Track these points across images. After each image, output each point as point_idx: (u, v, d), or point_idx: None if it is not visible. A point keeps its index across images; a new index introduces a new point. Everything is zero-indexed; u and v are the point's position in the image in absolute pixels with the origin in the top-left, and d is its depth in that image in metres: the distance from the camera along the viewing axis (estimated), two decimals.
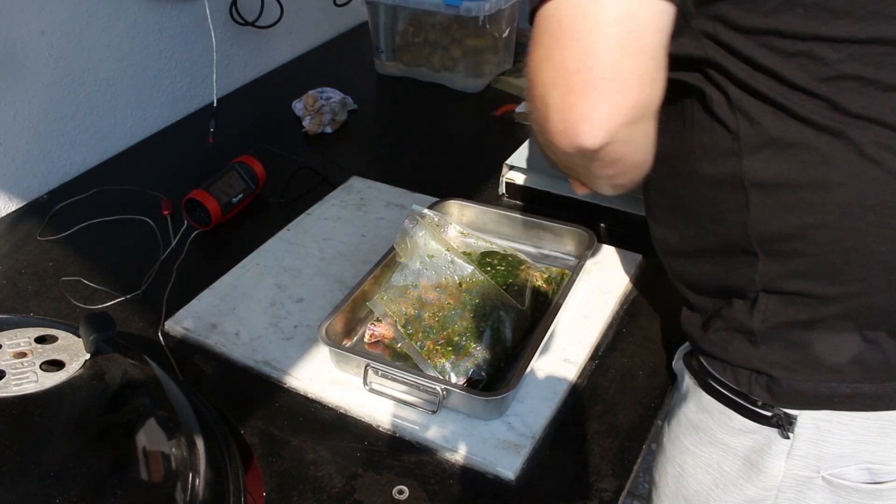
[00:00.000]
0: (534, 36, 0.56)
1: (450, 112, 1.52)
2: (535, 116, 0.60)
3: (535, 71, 0.56)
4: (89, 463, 0.60)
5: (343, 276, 1.03)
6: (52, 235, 1.14)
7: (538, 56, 0.56)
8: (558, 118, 0.55)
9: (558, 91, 0.54)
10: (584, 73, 0.53)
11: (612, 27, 0.52)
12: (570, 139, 0.55)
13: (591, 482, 0.77)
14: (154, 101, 1.43)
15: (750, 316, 0.68)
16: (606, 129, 0.54)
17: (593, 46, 0.52)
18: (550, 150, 0.61)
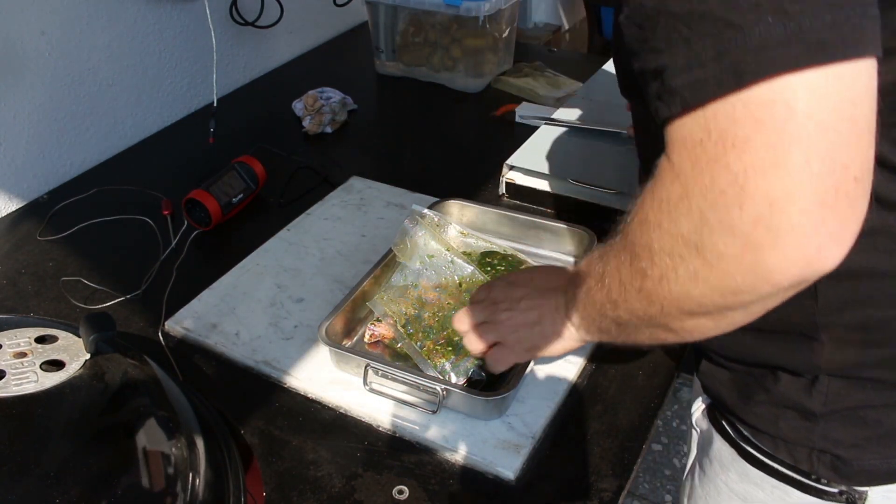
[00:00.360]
0: (710, 143, 0.45)
1: (450, 112, 1.52)
2: (693, 265, 0.49)
3: (737, 188, 0.44)
4: (89, 463, 0.60)
5: (343, 276, 1.03)
6: (52, 235, 1.14)
7: (742, 165, 0.44)
8: (794, 242, 0.44)
9: (799, 205, 0.43)
10: (836, 176, 0.43)
11: (860, 108, 0.44)
12: (807, 268, 0.45)
13: (591, 482, 0.77)
14: (154, 101, 1.43)
15: (808, 396, 0.64)
16: (852, 242, 0.45)
17: (841, 139, 0.43)
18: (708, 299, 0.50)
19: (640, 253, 0.53)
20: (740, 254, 0.45)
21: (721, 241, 0.46)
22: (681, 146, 0.47)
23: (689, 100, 0.45)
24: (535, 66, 1.62)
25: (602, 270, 0.61)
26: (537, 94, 1.51)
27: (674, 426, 2.08)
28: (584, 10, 3.05)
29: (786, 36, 0.42)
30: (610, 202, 1.10)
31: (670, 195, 0.48)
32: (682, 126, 0.47)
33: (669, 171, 0.48)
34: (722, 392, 0.73)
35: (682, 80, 0.45)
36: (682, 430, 2.06)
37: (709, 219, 0.46)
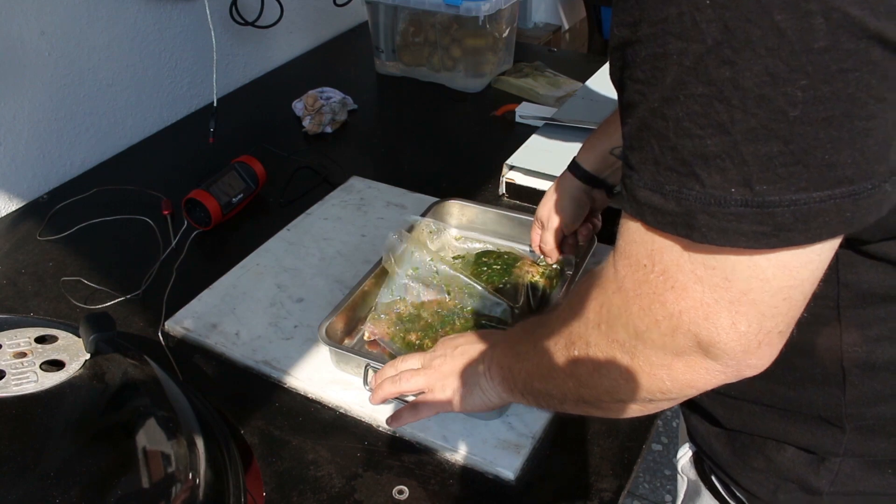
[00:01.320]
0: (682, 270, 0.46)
1: (450, 112, 1.52)
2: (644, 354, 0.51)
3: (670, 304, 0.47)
4: (89, 463, 0.60)
5: (343, 276, 1.03)
6: (52, 235, 1.14)
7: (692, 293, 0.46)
8: (719, 367, 0.48)
9: (723, 349, 0.47)
10: (761, 335, 0.46)
11: (800, 289, 0.45)
12: (732, 379, 0.49)
13: (591, 482, 0.77)
14: (154, 101, 1.43)
15: (815, 473, 0.61)
16: (774, 357, 0.49)
17: (773, 312, 0.45)
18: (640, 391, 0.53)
19: (576, 342, 0.56)
20: (670, 364, 0.49)
21: (654, 353, 0.50)
22: (626, 260, 0.49)
23: (649, 221, 0.46)
24: (535, 66, 1.62)
25: (535, 345, 0.62)
26: (537, 94, 1.51)
27: (674, 426, 2.08)
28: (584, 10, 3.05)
29: (743, 212, 0.41)
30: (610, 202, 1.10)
31: (611, 304, 0.51)
32: (631, 239, 0.48)
33: (613, 282, 0.50)
34: (714, 446, 0.69)
35: (645, 198, 0.45)
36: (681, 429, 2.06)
37: (643, 336, 0.49)
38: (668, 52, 0.41)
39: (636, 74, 0.44)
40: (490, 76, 1.59)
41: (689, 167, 0.42)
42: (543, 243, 0.98)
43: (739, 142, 0.40)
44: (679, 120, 0.42)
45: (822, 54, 0.37)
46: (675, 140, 0.42)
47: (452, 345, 0.75)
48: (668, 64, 0.41)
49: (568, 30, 3.18)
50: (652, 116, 0.43)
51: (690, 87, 0.41)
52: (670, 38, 0.41)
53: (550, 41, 2.88)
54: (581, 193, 0.95)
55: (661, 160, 0.44)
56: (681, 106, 0.41)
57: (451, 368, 0.73)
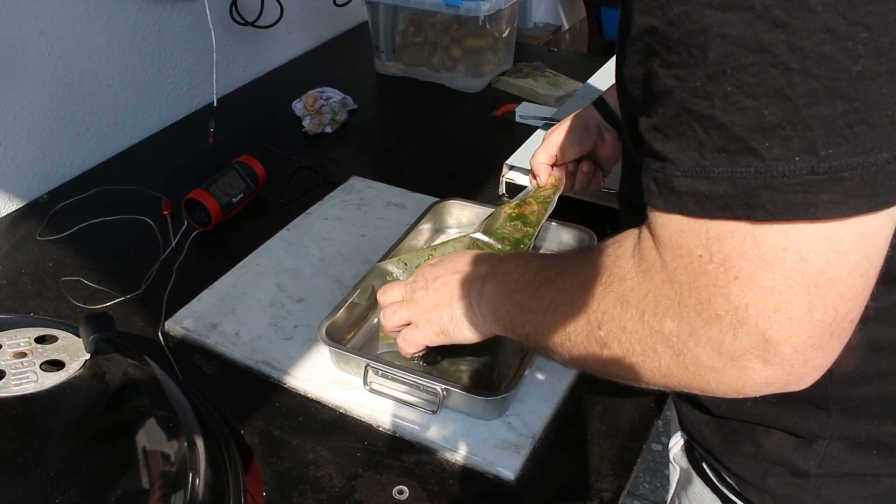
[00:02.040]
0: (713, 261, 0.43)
1: (450, 112, 1.52)
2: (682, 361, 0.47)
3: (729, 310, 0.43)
4: (89, 463, 0.60)
5: (343, 276, 1.03)
6: (52, 235, 1.14)
7: (740, 292, 0.43)
8: (779, 371, 0.44)
9: (793, 346, 0.43)
10: (836, 323, 0.43)
11: (874, 262, 0.42)
12: (784, 388, 0.46)
13: (591, 482, 0.77)
14: (154, 101, 1.43)
15: (803, 456, 0.61)
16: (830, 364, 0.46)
17: (850, 293, 0.42)
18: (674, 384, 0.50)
19: (605, 324, 0.51)
20: (722, 368, 0.46)
21: (705, 354, 0.46)
22: (675, 251, 0.45)
23: (693, 210, 0.43)
24: (535, 66, 1.62)
25: (541, 302, 0.58)
26: (537, 94, 1.51)
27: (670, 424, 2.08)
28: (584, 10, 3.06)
29: (812, 181, 0.39)
30: (610, 202, 1.10)
31: (659, 294, 0.47)
32: (678, 230, 0.45)
33: (661, 271, 0.47)
34: (704, 433, 0.69)
35: (687, 186, 0.43)
36: None
37: (697, 333, 0.45)
38: (708, 27, 0.39)
39: (669, 58, 0.42)
40: (490, 76, 1.59)
41: (742, 143, 0.40)
42: (535, 157, 0.97)
43: (801, 106, 0.38)
44: (728, 95, 0.40)
45: (881, 3, 0.36)
46: (723, 117, 0.40)
47: (432, 275, 0.72)
48: (708, 38, 0.40)
49: (568, 30, 3.18)
50: (693, 98, 0.41)
51: (739, 58, 0.39)
52: (708, 12, 0.39)
53: (550, 41, 2.88)
54: (594, 125, 0.93)
55: (706, 142, 0.41)
56: (729, 79, 0.40)
57: (435, 301, 0.71)
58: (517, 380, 0.82)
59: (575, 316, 0.54)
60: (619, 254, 0.52)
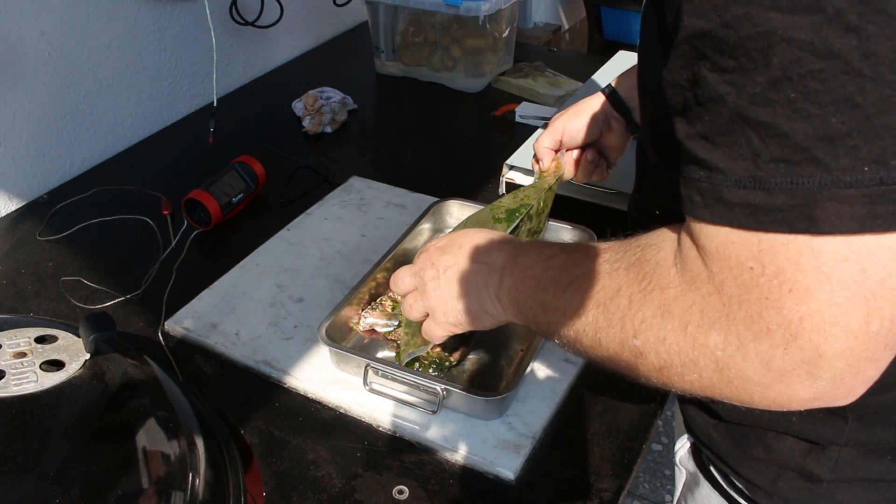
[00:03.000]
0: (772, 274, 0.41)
1: (450, 112, 1.52)
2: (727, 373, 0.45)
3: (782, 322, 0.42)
4: (89, 463, 0.60)
5: (343, 276, 1.03)
6: (52, 235, 1.14)
7: (795, 306, 0.41)
8: (829, 386, 0.43)
9: (847, 360, 0.41)
10: (890, 335, 0.41)
11: None
12: (831, 402, 0.44)
13: (591, 482, 0.77)
14: (154, 101, 1.43)
15: (815, 462, 0.60)
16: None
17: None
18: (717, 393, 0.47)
19: (641, 333, 0.49)
20: (769, 384, 0.44)
21: (752, 368, 0.44)
22: (724, 263, 0.43)
23: (746, 223, 0.41)
24: (535, 66, 1.62)
25: (577, 306, 0.55)
26: (537, 94, 1.51)
27: (674, 426, 2.07)
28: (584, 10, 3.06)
29: (880, 192, 0.37)
30: (610, 202, 1.10)
31: (705, 306, 0.45)
32: (727, 241, 0.43)
33: (708, 283, 0.44)
34: (712, 436, 0.68)
35: (739, 197, 0.41)
36: None
37: (746, 347, 0.43)
38: (771, 30, 0.38)
39: (723, 63, 0.40)
40: (490, 76, 1.59)
41: (806, 153, 0.38)
42: (539, 141, 0.94)
43: (872, 115, 0.37)
44: (791, 102, 0.38)
45: None
46: (785, 125, 0.39)
47: (442, 264, 0.69)
48: (771, 43, 0.38)
49: (568, 30, 3.18)
50: (751, 105, 0.39)
51: (806, 63, 0.37)
52: (772, 15, 0.38)
53: (550, 41, 2.88)
54: (602, 113, 0.91)
55: (762, 152, 0.40)
56: (793, 86, 0.38)
57: (449, 293, 0.68)
58: (517, 380, 0.82)
59: (608, 322, 0.52)
60: (658, 259, 0.49)
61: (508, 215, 0.89)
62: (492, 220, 0.87)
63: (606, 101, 0.91)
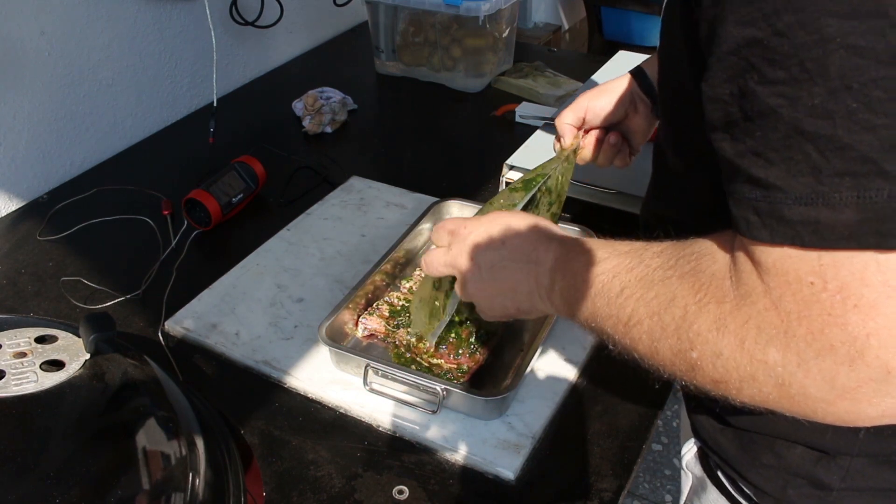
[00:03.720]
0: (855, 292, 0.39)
1: (450, 112, 1.52)
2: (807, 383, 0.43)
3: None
4: (89, 463, 0.60)
5: (343, 276, 1.03)
6: (52, 235, 1.14)
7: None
8: (893, 405, 0.41)
9: None
10: None
11: None
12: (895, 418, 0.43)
13: (591, 482, 0.77)
14: (154, 101, 1.43)
15: (826, 470, 0.60)
16: None
17: None
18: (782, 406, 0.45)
19: (696, 346, 0.47)
20: (833, 401, 0.42)
21: (814, 386, 0.42)
22: (782, 277, 0.41)
23: (810, 242, 0.39)
24: (535, 66, 1.62)
25: (630, 314, 0.53)
26: (537, 94, 1.51)
27: (674, 426, 2.08)
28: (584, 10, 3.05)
29: None
30: (610, 202, 1.10)
31: (762, 321, 0.43)
32: (783, 256, 0.41)
33: (765, 297, 0.43)
34: (720, 442, 0.67)
35: (801, 215, 0.39)
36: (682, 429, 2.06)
37: (807, 364, 0.41)
38: (829, 37, 0.36)
39: (774, 74, 0.39)
40: (490, 76, 1.59)
41: (872, 164, 0.37)
42: (561, 117, 0.90)
43: None
44: (852, 112, 0.36)
45: None
46: (847, 137, 0.37)
47: (484, 262, 0.65)
48: (829, 51, 0.36)
49: (568, 30, 3.18)
50: (808, 117, 0.38)
51: (868, 71, 0.36)
52: (829, 21, 0.36)
53: (550, 41, 2.88)
54: (628, 94, 0.88)
55: (823, 166, 0.38)
56: (854, 95, 0.36)
57: (494, 290, 0.66)
58: (517, 380, 0.82)
59: (663, 333, 0.50)
60: (714, 271, 0.47)
61: (525, 185, 0.86)
62: (508, 191, 0.85)
63: (633, 81, 0.87)
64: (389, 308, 0.93)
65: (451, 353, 0.85)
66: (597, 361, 0.90)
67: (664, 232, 0.55)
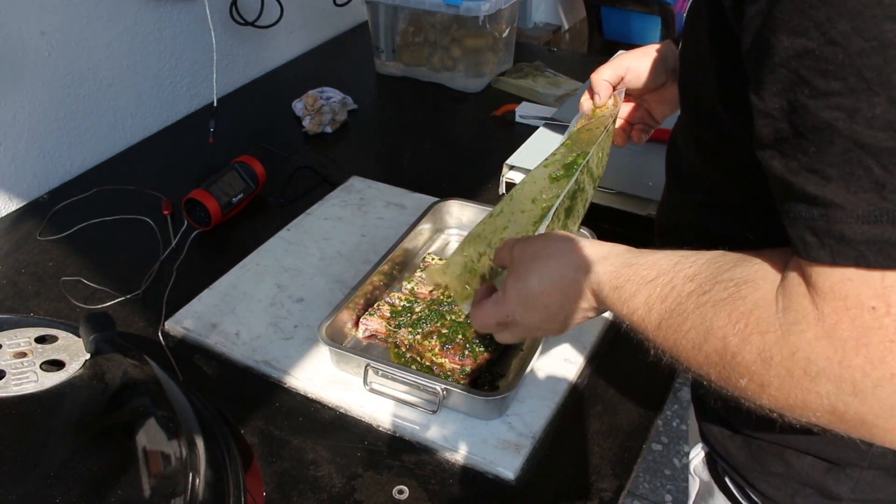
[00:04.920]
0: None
1: (450, 112, 1.52)
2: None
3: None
4: (89, 463, 0.60)
5: (343, 276, 1.03)
6: (52, 235, 1.14)
7: None
8: None
9: None
10: None
11: None
12: None
13: (591, 482, 0.77)
14: (154, 101, 1.43)
15: (835, 481, 0.59)
16: None
17: None
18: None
19: (744, 376, 0.45)
20: (892, 428, 0.40)
21: (872, 413, 0.40)
22: (840, 303, 0.39)
23: (872, 261, 0.37)
24: (535, 66, 1.62)
25: (673, 345, 0.51)
26: (537, 94, 1.51)
27: (674, 426, 2.08)
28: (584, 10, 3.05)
29: None
30: (610, 202, 1.10)
31: (814, 352, 0.41)
32: (843, 279, 0.39)
33: (817, 325, 0.40)
34: (729, 448, 0.66)
35: (864, 234, 0.37)
36: (682, 429, 2.06)
37: (864, 394, 0.39)
38: (888, 43, 0.34)
39: (827, 86, 0.37)
40: (490, 76, 1.59)
41: None
42: (598, 73, 0.86)
43: None
44: None
45: None
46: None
47: (523, 324, 0.64)
48: (889, 58, 0.34)
49: (568, 30, 3.18)
50: (869, 129, 0.36)
51: None
52: (888, 26, 0.34)
53: (550, 41, 2.88)
54: (673, 60, 0.84)
55: (887, 181, 0.36)
56: None
57: (560, 327, 0.63)
58: (517, 380, 0.82)
59: (708, 363, 0.48)
60: (756, 300, 0.45)
61: (566, 170, 0.82)
62: (549, 181, 0.81)
63: (678, 48, 0.82)
64: (390, 308, 0.93)
65: (457, 353, 0.85)
66: (597, 361, 0.90)
67: (681, 240, 0.53)
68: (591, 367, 0.90)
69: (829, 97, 0.37)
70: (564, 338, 0.92)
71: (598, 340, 0.92)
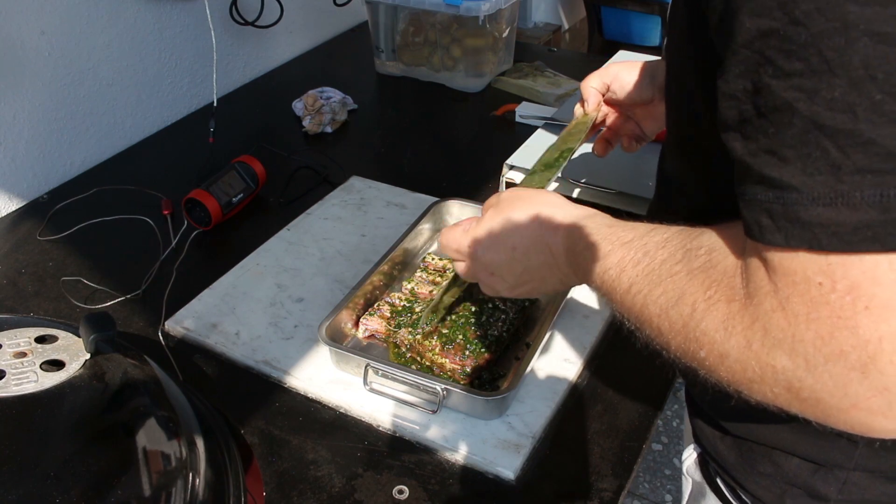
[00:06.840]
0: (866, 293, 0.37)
1: (450, 112, 1.52)
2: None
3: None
4: (89, 463, 0.60)
5: (343, 275, 1.03)
6: (52, 235, 1.14)
7: None
8: None
9: None
10: None
11: None
12: None
13: (591, 482, 0.77)
14: (154, 101, 1.43)
15: (823, 482, 0.59)
16: None
17: None
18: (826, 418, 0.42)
19: (705, 345, 0.45)
20: (846, 409, 0.39)
21: (826, 392, 0.39)
22: (789, 277, 0.39)
23: (829, 245, 0.37)
24: (535, 66, 1.62)
25: (640, 310, 0.51)
26: (537, 94, 1.51)
27: (674, 426, 2.08)
28: (584, 10, 3.05)
29: None
30: (610, 202, 1.10)
31: (769, 324, 0.41)
32: (795, 260, 0.39)
33: (773, 297, 0.40)
34: (719, 449, 0.67)
35: (818, 216, 0.37)
36: (682, 429, 2.06)
37: (817, 371, 0.39)
38: (850, 24, 0.34)
39: (790, 66, 0.36)
40: (490, 76, 1.59)
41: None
42: (587, 80, 0.87)
43: None
44: (877, 105, 0.34)
45: None
46: (871, 132, 0.35)
47: (492, 262, 0.64)
48: (850, 39, 0.34)
49: (568, 30, 3.18)
50: (828, 111, 0.35)
51: (894, 60, 0.34)
52: (851, 7, 0.34)
53: (550, 41, 2.88)
54: (659, 77, 0.84)
55: (842, 163, 0.36)
56: (879, 86, 0.34)
57: (516, 282, 0.65)
58: (517, 380, 0.82)
59: (672, 330, 0.48)
60: (725, 266, 0.45)
61: (555, 162, 0.85)
62: (538, 174, 0.84)
63: None
64: (390, 308, 0.93)
65: (458, 353, 0.85)
66: (597, 361, 0.90)
67: None
68: (591, 367, 0.90)
69: (791, 77, 0.37)
70: (564, 338, 0.92)
71: (598, 340, 0.92)
